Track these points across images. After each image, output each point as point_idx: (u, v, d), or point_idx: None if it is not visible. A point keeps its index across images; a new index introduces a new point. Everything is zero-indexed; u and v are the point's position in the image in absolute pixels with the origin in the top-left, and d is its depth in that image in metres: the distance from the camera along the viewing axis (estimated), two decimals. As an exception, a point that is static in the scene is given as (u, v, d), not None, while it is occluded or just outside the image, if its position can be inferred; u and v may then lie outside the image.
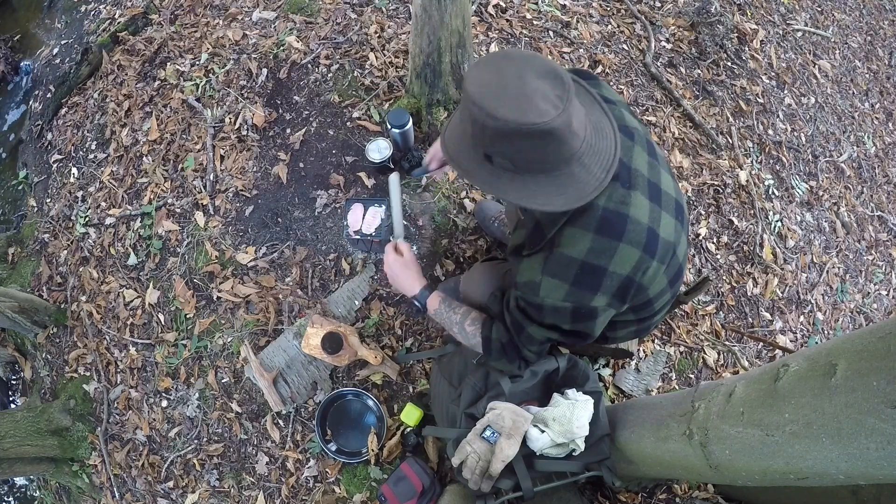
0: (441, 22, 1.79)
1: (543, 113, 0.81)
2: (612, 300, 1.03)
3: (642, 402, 1.38)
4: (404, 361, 1.88)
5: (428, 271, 2.00)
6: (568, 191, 0.91)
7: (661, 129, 2.42)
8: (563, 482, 1.34)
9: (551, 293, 1.00)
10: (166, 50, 2.69)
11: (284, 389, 1.90)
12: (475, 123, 0.87)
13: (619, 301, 1.04)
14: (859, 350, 0.75)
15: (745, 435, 0.92)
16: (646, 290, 1.07)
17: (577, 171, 0.90)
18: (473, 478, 1.29)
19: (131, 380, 2.13)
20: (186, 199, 2.28)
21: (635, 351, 1.91)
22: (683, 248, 1.13)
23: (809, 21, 3.11)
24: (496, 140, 0.87)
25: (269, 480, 1.89)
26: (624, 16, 2.72)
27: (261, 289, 2.04)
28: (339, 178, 2.15)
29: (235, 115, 2.37)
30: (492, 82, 0.85)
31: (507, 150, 0.88)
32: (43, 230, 2.53)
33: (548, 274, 0.99)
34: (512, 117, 0.82)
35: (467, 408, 1.38)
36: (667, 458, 1.18)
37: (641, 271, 1.01)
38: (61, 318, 2.31)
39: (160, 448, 2.03)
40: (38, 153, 2.84)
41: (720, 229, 2.29)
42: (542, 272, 0.99)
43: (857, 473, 0.78)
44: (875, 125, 2.97)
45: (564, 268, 0.97)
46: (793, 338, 2.21)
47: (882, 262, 2.60)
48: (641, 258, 0.99)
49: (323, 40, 2.48)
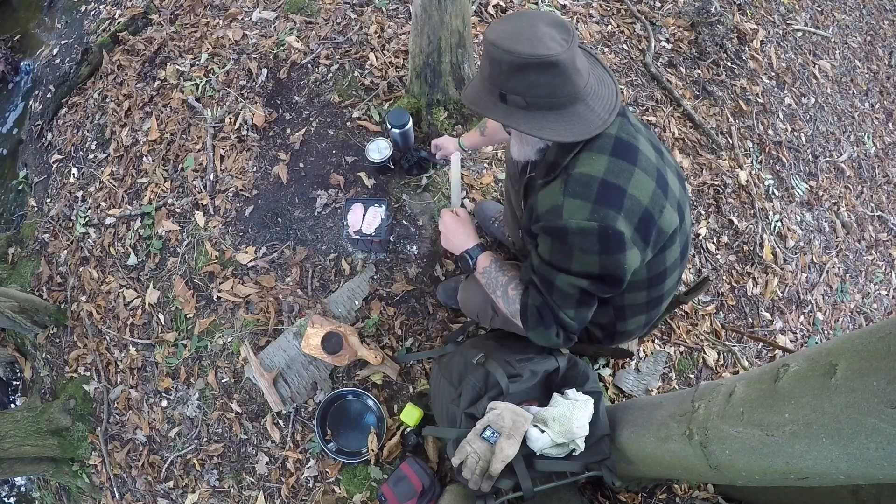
0: (441, 22, 1.79)
1: (551, 48, 0.94)
2: (636, 235, 1.02)
3: (642, 402, 1.38)
4: (404, 361, 1.88)
5: (428, 271, 2.00)
6: (574, 126, 1.00)
7: (661, 129, 2.42)
8: (563, 482, 1.34)
9: (575, 213, 1.00)
10: (166, 50, 2.69)
11: (284, 389, 1.90)
12: (493, 62, 0.99)
13: (642, 238, 1.04)
14: (859, 350, 0.75)
15: (745, 435, 0.92)
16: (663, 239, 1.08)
17: (581, 110, 1.01)
18: (473, 478, 1.29)
19: (131, 380, 2.13)
20: (186, 199, 2.28)
21: (635, 351, 1.91)
22: (688, 225, 1.19)
23: (809, 21, 3.11)
24: (511, 74, 0.97)
25: (269, 480, 1.89)
26: (624, 16, 2.72)
27: (261, 289, 2.04)
28: (339, 178, 2.15)
29: (235, 115, 2.37)
30: (507, 29, 0.98)
31: (520, 85, 0.98)
32: (43, 230, 2.53)
33: (569, 195, 1.01)
34: (525, 51, 0.94)
35: (467, 408, 1.38)
36: (667, 458, 1.18)
37: (658, 208, 1.05)
38: (61, 318, 2.31)
39: (160, 448, 2.03)
40: (38, 153, 2.84)
41: (720, 229, 2.29)
42: (563, 194, 1.02)
43: (857, 473, 0.78)
44: (875, 125, 2.97)
45: (585, 186, 1.01)
46: (793, 338, 2.20)
47: (882, 262, 2.60)
48: (656, 192, 1.04)
49: (323, 40, 2.48)
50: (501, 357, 1.43)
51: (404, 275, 2.00)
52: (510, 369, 1.39)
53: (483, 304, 1.51)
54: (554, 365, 1.38)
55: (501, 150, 2.20)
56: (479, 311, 1.54)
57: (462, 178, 2.11)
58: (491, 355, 1.45)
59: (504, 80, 1.00)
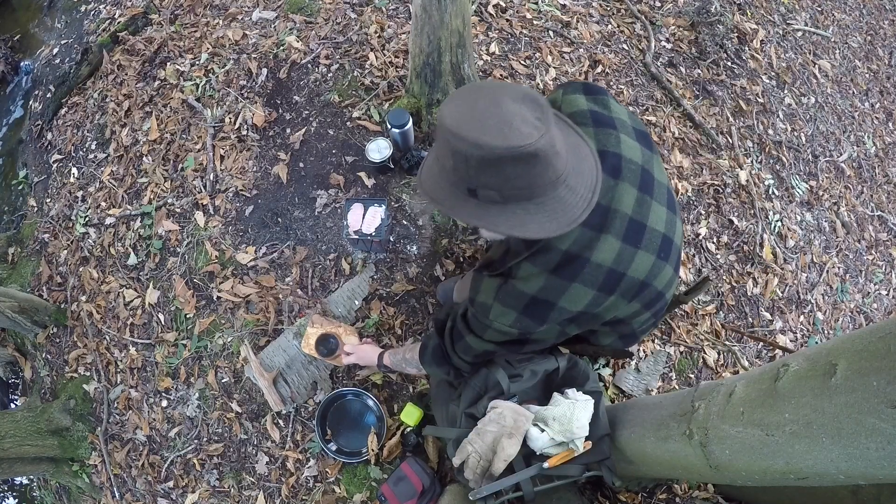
0: (441, 22, 1.79)
1: (526, 136, 0.80)
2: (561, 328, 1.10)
3: (642, 402, 1.38)
4: (404, 361, 1.88)
5: (428, 271, 2.00)
6: (557, 215, 0.88)
7: (661, 129, 2.42)
8: (563, 482, 1.34)
9: (500, 318, 1.05)
10: (166, 50, 2.69)
11: (284, 389, 1.90)
12: (457, 157, 0.84)
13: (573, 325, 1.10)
14: (859, 350, 0.75)
15: (745, 435, 0.92)
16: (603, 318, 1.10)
17: (563, 194, 0.88)
18: (474, 478, 1.29)
19: (131, 380, 2.13)
20: (186, 199, 2.28)
21: (635, 351, 1.91)
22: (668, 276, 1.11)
23: (809, 21, 3.10)
24: (482, 170, 0.83)
25: (269, 480, 1.89)
26: (624, 15, 2.72)
27: (261, 289, 2.04)
28: (339, 178, 2.15)
29: (235, 115, 2.37)
30: (467, 113, 0.83)
31: (494, 180, 0.84)
32: (43, 230, 2.53)
33: (499, 301, 1.03)
34: (496, 143, 0.80)
35: (467, 408, 1.37)
36: (667, 458, 1.18)
37: (595, 306, 1.03)
38: (61, 318, 2.31)
39: (160, 448, 2.03)
40: (38, 153, 2.84)
41: (720, 229, 2.29)
42: (495, 297, 1.04)
43: (857, 473, 0.78)
44: (875, 125, 2.97)
45: (515, 299, 1.01)
46: (793, 338, 2.20)
47: (882, 262, 2.60)
48: (596, 296, 1.01)
49: (323, 40, 2.48)
50: (501, 357, 1.43)
51: (404, 275, 2.00)
52: (510, 369, 1.39)
53: None
54: (554, 365, 1.38)
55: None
56: None
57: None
58: (491, 355, 1.45)
59: (473, 175, 0.85)
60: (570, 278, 0.97)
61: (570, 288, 0.98)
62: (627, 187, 1.02)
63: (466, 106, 0.84)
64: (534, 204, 0.87)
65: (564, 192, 0.88)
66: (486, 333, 1.11)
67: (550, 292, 0.99)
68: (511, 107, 0.82)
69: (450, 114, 0.84)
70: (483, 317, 1.08)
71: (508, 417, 1.26)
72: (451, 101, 0.87)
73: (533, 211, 0.88)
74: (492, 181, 0.85)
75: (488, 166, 0.82)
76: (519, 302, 1.01)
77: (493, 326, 1.07)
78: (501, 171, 0.83)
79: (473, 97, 0.85)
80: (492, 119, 0.81)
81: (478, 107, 0.83)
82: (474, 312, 1.10)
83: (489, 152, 0.80)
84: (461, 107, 0.84)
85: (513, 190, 0.86)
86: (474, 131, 0.81)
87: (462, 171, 0.86)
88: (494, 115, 0.81)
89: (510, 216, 0.88)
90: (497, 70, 2.38)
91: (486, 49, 2.45)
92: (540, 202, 0.87)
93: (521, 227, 0.88)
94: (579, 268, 0.97)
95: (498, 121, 0.81)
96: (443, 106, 0.87)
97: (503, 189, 0.86)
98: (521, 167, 0.82)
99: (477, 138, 0.80)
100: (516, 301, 1.02)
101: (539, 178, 0.85)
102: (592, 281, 0.99)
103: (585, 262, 0.97)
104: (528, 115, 0.82)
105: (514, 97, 0.83)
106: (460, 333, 1.17)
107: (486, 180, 0.85)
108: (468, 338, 1.16)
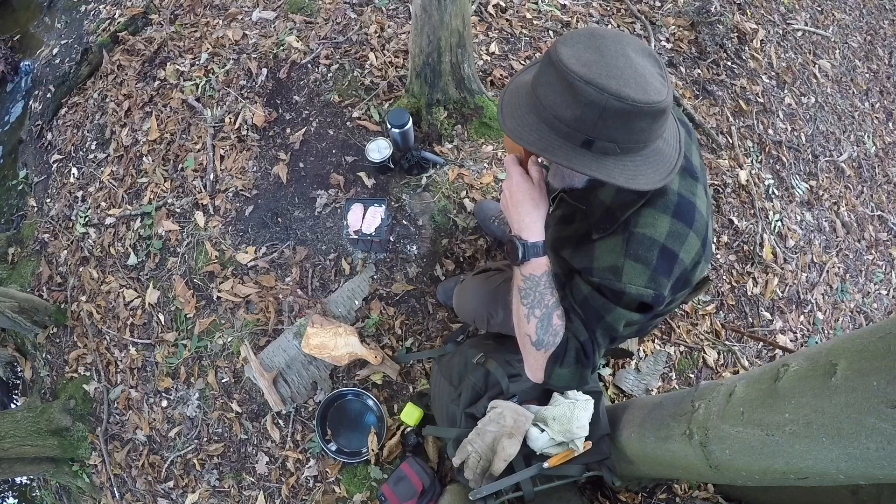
0: (441, 22, 1.79)
1: (659, 91, 0.80)
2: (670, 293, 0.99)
3: (642, 402, 1.38)
4: (404, 361, 1.88)
5: (428, 271, 2.00)
6: (658, 166, 0.89)
7: (661, 128, 2.41)
8: (563, 482, 1.34)
9: (634, 279, 0.93)
10: (166, 50, 2.69)
11: (284, 389, 1.90)
12: (589, 107, 0.80)
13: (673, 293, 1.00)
14: (859, 350, 0.75)
15: (745, 435, 0.92)
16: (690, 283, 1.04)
17: (661, 145, 0.90)
18: (474, 478, 1.29)
19: (131, 380, 2.13)
20: (186, 199, 2.28)
21: (635, 351, 1.91)
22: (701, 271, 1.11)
23: (809, 21, 3.10)
24: (614, 121, 0.81)
25: (269, 480, 1.89)
26: (624, 15, 2.72)
27: (261, 289, 2.04)
28: (339, 178, 2.15)
29: (235, 115, 2.37)
30: (599, 62, 0.80)
31: (620, 132, 0.83)
32: (43, 230, 2.53)
33: (630, 257, 0.93)
34: (638, 97, 0.78)
35: (467, 407, 1.38)
36: (667, 458, 1.18)
37: (697, 265, 0.99)
38: (61, 318, 2.31)
39: (160, 448, 2.03)
40: (38, 153, 2.84)
41: (720, 229, 2.29)
42: (624, 255, 0.93)
43: (857, 473, 0.78)
44: (875, 125, 2.97)
45: (647, 250, 0.93)
46: (793, 337, 2.20)
47: (882, 262, 2.60)
48: (699, 252, 0.98)
49: (323, 40, 2.48)
50: (501, 356, 1.43)
51: (404, 274, 2.00)
52: (510, 369, 1.39)
53: (479, 310, 1.48)
54: (554, 365, 1.38)
55: (502, 149, 2.20)
56: (475, 316, 1.52)
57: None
58: (491, 355, 1.45)
59: (601, 126, 0.82)
60: (688, 223, 0.95)
61: (688, 236, 0.95)
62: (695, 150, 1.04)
63: (595, 55, 0.81)
64: (640, 156, 0.88)
65: (662, 144, 0.90)
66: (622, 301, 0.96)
67: (675, 240, 0.94)
68: (639, 60, 0.82)
69: (579, 61, 0.80)
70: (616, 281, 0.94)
71: (508, 417, 1.26)
72: (571, 46, 0.82)
73: (639, 162, 0.88)
74: (617, 133, 0.83)
75: (624, 119, 0.81)
76: (650, 253, 0.93)
77: (629, 290, 0.93)
78: (632, 124, 0.82)
79: (597, 45, 0.82)
80: (628, 71, 0.80)
81: (607, 56, 0.80)
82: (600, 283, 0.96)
83: (631, 105, 0.78)
84: (590, 56, 0.81)
85: (631, 143, 0.85)
86: (615, 82, 0.78)
87: (590, 121, 0.82)
88: (629, 68, 0.80)
89: (623, 169, 0.87)
90: (497, 70, 2.38)
91: (486, 49, 2.45)
92: (643, 154, 0.88)
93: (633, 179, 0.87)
94: (692, 212, 0.96)
95: (634, 73, 0.80)
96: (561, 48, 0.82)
97: (624, 142, 0.84)
98: (648, 121, 0.82)
99: (618, 90, 0.78)
100: (648, 252, 0.93)
101: (655, 133, 0.86)
102: (700, 231, 0.97)
103: (694, 208, 0.97)
104: (655, 71, 0.83)
105: (636, 50, 0.83)
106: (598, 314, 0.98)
107: (612, 133, 0.83)
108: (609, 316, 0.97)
